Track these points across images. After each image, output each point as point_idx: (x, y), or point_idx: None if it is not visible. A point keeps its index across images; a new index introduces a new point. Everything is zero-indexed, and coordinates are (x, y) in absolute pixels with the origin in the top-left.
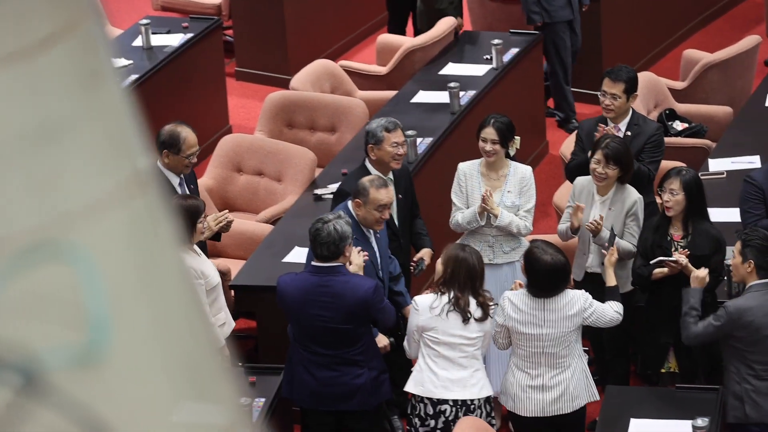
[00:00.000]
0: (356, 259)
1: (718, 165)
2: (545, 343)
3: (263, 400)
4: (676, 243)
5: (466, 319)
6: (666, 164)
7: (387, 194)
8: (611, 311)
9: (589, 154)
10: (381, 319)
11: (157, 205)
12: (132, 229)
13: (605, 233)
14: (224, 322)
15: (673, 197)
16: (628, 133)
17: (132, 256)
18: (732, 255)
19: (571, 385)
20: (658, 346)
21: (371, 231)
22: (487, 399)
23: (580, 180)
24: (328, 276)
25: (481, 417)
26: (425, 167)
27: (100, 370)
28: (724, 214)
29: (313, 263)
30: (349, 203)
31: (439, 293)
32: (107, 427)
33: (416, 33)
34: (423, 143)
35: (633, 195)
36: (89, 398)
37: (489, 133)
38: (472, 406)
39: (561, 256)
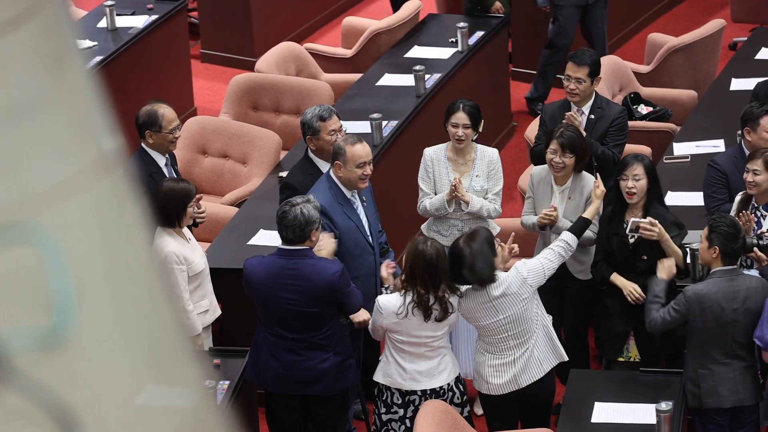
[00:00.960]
0: (327, 244)
1: (682, 149)
2: (507, 326)
3: (228, 382)
4: None
5: (428, 317)
6: (628, 147)
7: (363, 149)
8: (549, 255)
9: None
10: (348, 303)
11: (123, 187)
12: (97, 212)
13: (563, 222)
14: (207, 309)
15: (637, 182)
16: (592, 116)
17: (97, 239)
18: (699, 239)
19: (536, 351)
20: (616, 334)
21: (356, 195)
22: (457, 379)
23: (538, 170)
24: (295, 259)
25: (453, 399)
26: (390, 150)
27: (65, 353)
28: (687, 198)
29: (280, 246)
30: (330, 171)
31: (404, 291)
32: (71, 411)
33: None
34: (388, 126)
35: (591, 183)
36: (54, 381)
37: (460, 117)
38: (441, 391)
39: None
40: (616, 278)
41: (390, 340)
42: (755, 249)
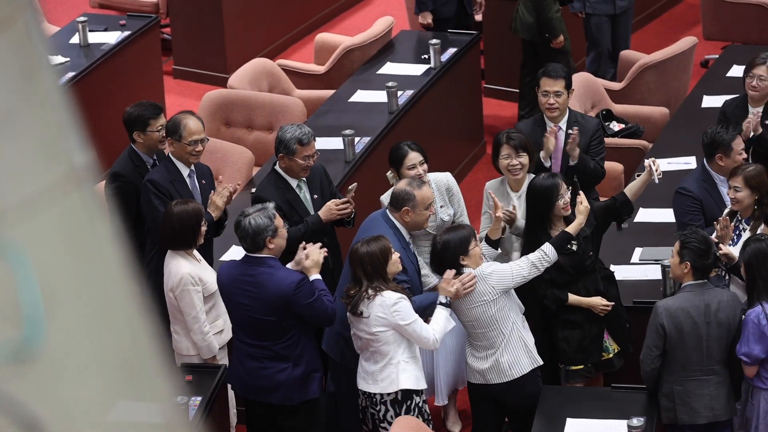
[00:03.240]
0: (314, 254)
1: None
2: (473, 323)
3: (200, 398)
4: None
5: (355, 313)
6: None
7: (430, 190)
8: (521, 262)
9: (494, 159)
10: (308, 316)
11: (94, 201)
12: (68, 225)
13: (521, 222)
14: (222, 328)
15: (565, 198)
16: (574, 130)
17: (68, 252)
18: (670, 255)
19: (505, 355)
20: (594, 337)
21: (411, 239)
22: (395, 401)
23: (490, 184)
24: (254, 266)
25: (384, 416)
26: (362, 167)
27: (35, 367)
28: (659, 215)
29: (246, 253)
30: (390, 215)
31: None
32: (41, 425)
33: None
34: (361, 143)
35: None
36: (23, 395)
37: (414, 158)
38: (374, 400)
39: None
40: (578, 300)
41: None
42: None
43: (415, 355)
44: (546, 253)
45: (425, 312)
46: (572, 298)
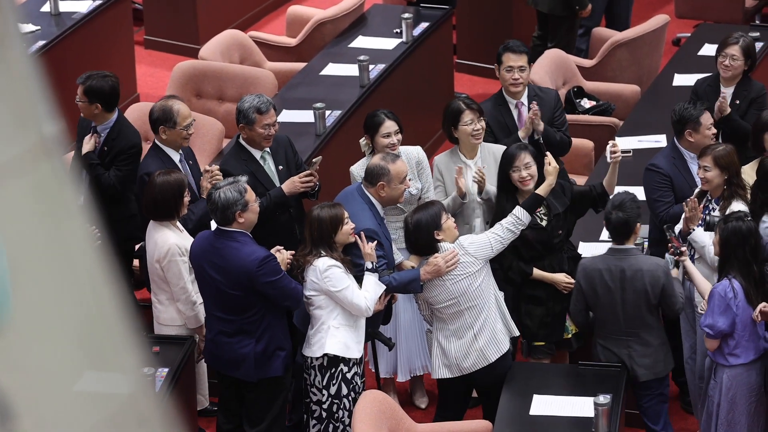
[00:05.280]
0: (284, 255)
1: (624, 143)
2: (460, 298)
3: (166, 370)
4: (537, 214)
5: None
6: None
7: (405, 164)
8: (496, 229)
9: (453, 127)
10: (272, 295)
11: (62, 172)
12: (36, 196)
13: (491, 188)
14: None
15: (529, 170)
16: (534, 104)
17: (35, 224)
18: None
19: (481, 337)
20: (557, 315)
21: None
22: (321, 365)
23: (439, 158)
24: (223, 240)
25: (314, 380)
26: (333, 140)
27: (1, 339)
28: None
29: (217, 226)
30: (365, 191)
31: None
32: (7, 396)
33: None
34: (331, 116)
35: (500, 147)
36: None
37: (390, 126)
38: (306, 364)
39: (410, 218)
40: (541, 274)
41: None
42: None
43: (350, 323)
44: (518, 217)
45: (406, 288)
46: (537, 272)
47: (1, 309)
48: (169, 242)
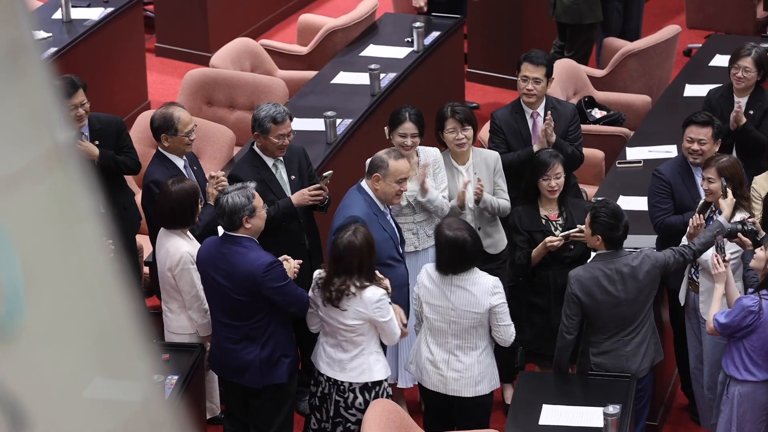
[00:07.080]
0: (291, 264)
1: (635, 153)
2: (451, 317)
3: (176, 377)
4: (554, 222)
5: (325, 299)
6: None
7: (405, 165)
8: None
9: (440, 131)
10: (279, 301)
11: (76, 179)
12: (50, 203)
13: (486, 197)
14: None
15: (558, 180)
16: (548, 115)
17: (49, 231)
18: (653, 243)
19: (476, 369)
20: (553, 329)
21: (389, 207)
22: (366, 388)
23: (433, 159)
24: (229, 245)
25: (353, 403)
26: (344, 148)
27: (14, 346)
28: (640, 203)
29: (224, 231)
30: (363, 182)
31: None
32: (20, 402)
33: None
34: (342, 124)
35: (492, 153)
36: (2, 373)
37: (409, 127)
38: (342, 387)
39: (467, 234)
40: (536, 250)
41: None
42: (739, 234)
43: (381, 343)
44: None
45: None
46: (534, 252)
47: (15, 315)
48: (181, 250)
